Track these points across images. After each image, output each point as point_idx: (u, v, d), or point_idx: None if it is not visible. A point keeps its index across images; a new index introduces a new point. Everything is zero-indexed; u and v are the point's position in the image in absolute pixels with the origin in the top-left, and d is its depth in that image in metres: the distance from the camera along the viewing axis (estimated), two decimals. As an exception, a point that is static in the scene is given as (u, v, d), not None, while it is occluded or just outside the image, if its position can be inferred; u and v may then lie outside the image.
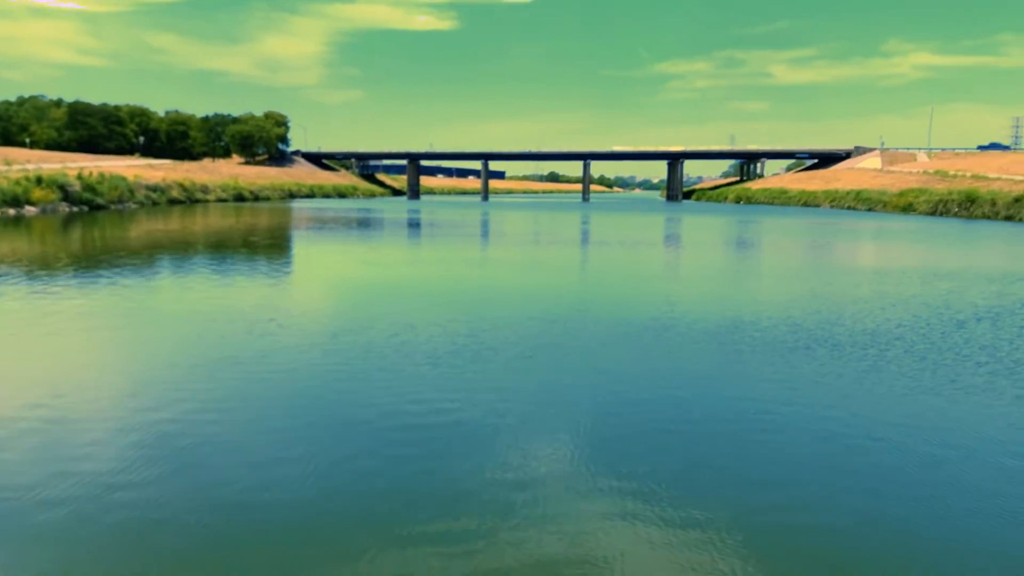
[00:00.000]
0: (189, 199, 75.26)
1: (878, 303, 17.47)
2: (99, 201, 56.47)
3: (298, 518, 6.14)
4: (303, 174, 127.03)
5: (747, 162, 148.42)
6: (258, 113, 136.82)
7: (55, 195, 51.93)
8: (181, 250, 28.02)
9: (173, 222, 46.46)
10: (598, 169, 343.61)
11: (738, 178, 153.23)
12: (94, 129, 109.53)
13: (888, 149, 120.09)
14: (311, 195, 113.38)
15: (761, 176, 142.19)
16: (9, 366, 10.98)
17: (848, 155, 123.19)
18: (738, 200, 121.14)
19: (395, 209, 78.04)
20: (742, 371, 11.02)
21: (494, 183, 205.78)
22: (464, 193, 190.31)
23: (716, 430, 8.40)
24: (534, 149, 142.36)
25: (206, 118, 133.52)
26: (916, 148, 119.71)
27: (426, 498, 6.54)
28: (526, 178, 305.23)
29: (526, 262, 27.60)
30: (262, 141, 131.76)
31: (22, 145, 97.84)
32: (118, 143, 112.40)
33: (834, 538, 5.97)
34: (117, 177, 61.73)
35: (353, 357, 11.43)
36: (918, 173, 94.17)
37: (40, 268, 21.73)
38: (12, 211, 46.42)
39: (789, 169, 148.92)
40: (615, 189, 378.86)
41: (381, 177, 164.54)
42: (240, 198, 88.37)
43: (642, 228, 51.01)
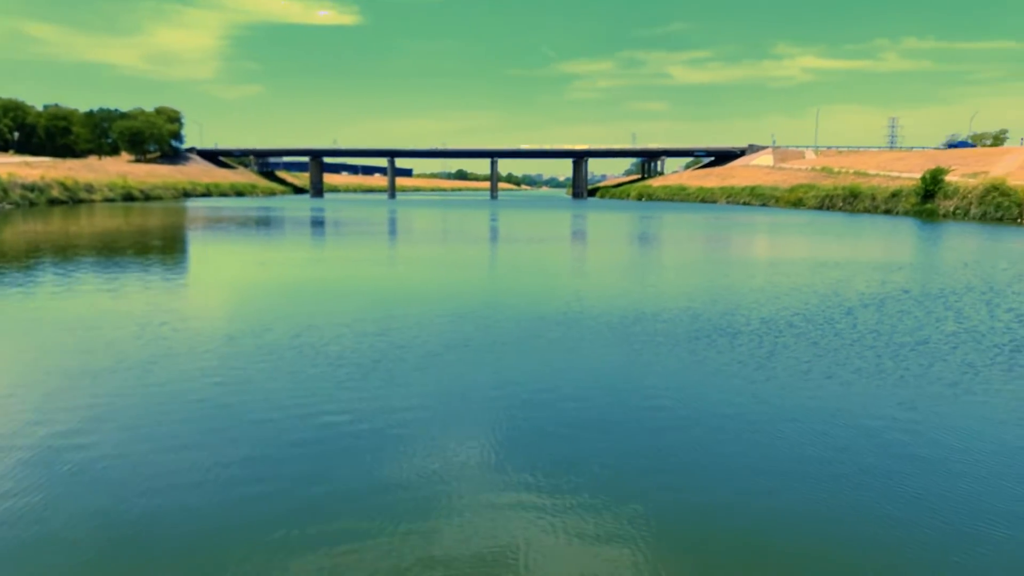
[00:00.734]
0: (72, 199, 70.60)
1: (773, 293, 18.23)
2: (-33, 202, 52.11)
3: (196, 528, 5.77)
4: (198, 172, 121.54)
5: (648, 160, 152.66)
6: (149, 108, 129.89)
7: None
8: (61, 253, 26.14)
9: (53, 223, 43.40)
10: (506, 167, 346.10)
11: (640, 176, 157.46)
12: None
13: (779, 147, 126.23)
14: (207, 194, 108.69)
15: (662, 174, 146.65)
16: None
17: (743, 153, 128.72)
18: (640, 197, 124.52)
19: (297, 207, 75.79)
20: (648, 362, 11.21)
21: (401, 181, 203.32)
22: (370, 191, 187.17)
23: (623, 421, 8.48)
24: (441, 147, 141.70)
25: (91, 113, 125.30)
26: (805, 146, 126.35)
27: (334, 501, 6.26)
28: (434, 176, 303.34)
29: (434, 260, 27.32)
30: (153, 138, 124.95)
31: None
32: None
33: (742, 521, 6.10)
34: (-12, 175, 57.21)
35: (252, 361, 10.90)
36: (807, 170, 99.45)
37: None
38: None
39: (688, 167, 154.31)
40: (523, 187, 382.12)
41: (282, 175, 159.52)
42: (129, 198, 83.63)
43: (549, 225, 51.54)
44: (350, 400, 9.04)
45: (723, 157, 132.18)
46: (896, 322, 14.39)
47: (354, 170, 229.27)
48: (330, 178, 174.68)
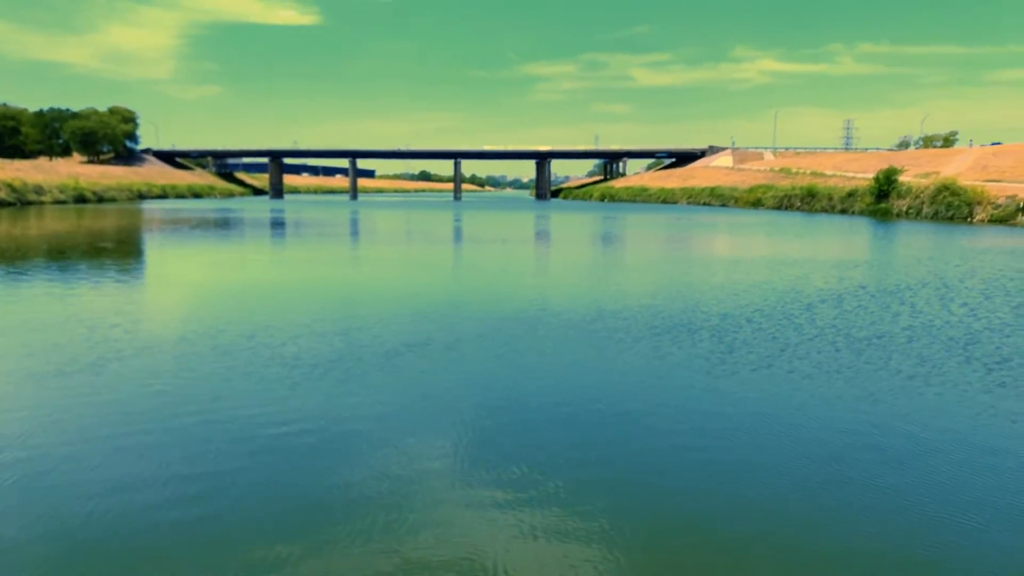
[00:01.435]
0: (20, 201, 68.41)
1: (733, 290, 18.37)
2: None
3: (149, 538, 5.49)
4: (154, 173, 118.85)
5: (611, 161, 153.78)
6: (102, 108, 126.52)
7: None
8: (4, 256, 25.22)
9: None
10: (469, 168, 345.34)
11: (603, 177, 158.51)
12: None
13: (739, 148, 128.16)
14: (163, 196, 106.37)
15: (624, 175, 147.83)
16: None
17: (703, 154, 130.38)
18: (603, 198, 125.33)
19: (256, 208, 74.49)
20: (611, 358, 11.15)
21: (363, 182, 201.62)
22: (331, 192, 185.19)
23: (587, 417, 8.38)
24: (404, 148, 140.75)
25: (41, 113, 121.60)
26: (764, 147, 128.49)
27: (295, 505, 6.03)
28: (397, 177, 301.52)
29: (396, 260, 27.01)
30: (107, 138, 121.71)
31: None
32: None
33: (709, 515, 6.03)
34: (-70, 176, 55.08)
35: (207, 364, 10.56)
36: (765, 171, 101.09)
37: None
38: None
39: (649, 168, 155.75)
40: (487, 188, 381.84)
41: (241, 176, 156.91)
42: (81, 200, 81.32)
43: (512, 225, 51.46)
44: (309, 401, 8.79)
45: (684, 158, 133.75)
46: (854, 317, 14.58)
47: (315, 171, 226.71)
48: (290, 179, 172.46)
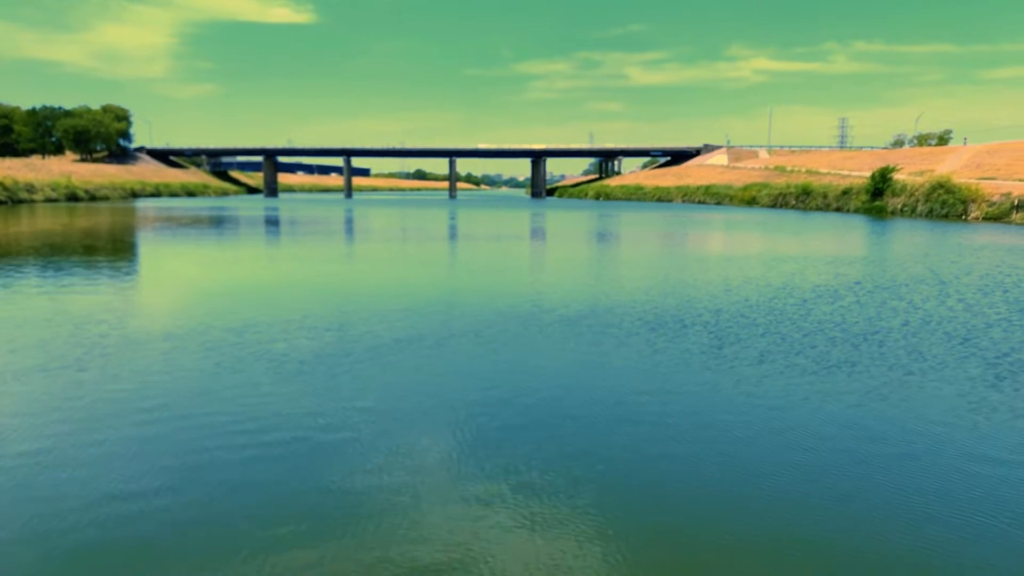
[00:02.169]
0: (11, 199, 67.99)
1: (728, 285, 18.23)
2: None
3: (137, 537, 5.32)
4: (148, 172, 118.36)
5: (606, 160, 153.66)
6: (95, 106, 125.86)
7: None
8: (-4, 252, 24.95)
9: (-9, 223, 41.62)
10: (465, 167, 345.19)
11: (598, 175, 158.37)
12: None
13: (734, 146, 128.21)
14: (156, 194, 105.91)
15: (619, 173, 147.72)
16: None
17: (698, 152, 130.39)
18: (598, 196, 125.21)
19: (250, 207, 74.16)
20: (606, 353, 10.99)
21: (358, 180, 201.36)
22: (326, 191, 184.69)
23: (581, 412, 8.23)
24: (399, 146, 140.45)
25: (33, 111, 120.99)
26: (758, 146, 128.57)
27: (289, 505, 5.85)
28: (392, 176, 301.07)
29: (391, 258, 26.82)
30: (100, 137, 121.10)
31: None
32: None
33: (702, 511, 5.88)
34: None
35: (199, 361, 10.38)
36: (760, 169, 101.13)
37: None
38: None
39: (645, 167, 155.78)
40: (482, 187, 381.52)
41: (235, 175, 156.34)
42: (74, 198, 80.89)
43: (508, 223, 51.28)
44: (302, 397, 8.61)
45: (679, 157, 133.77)
46: (849, 312, 14.45)
47: (310, 170, 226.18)
48: (285, 178, 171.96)
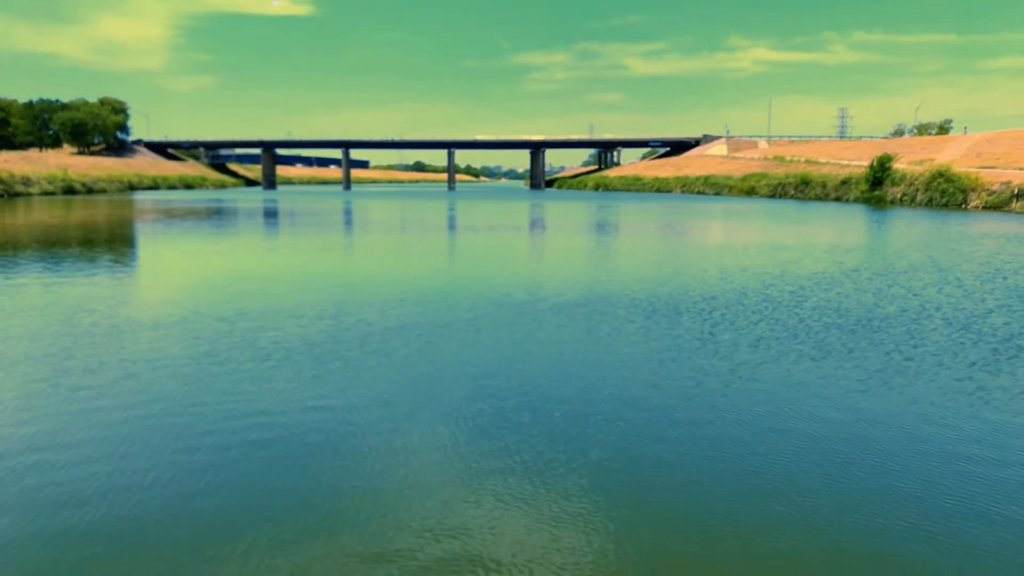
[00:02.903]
0: (8, 192, 67.77)
1: (726, 273, 18.12)
2: None
3: (137, 531, 5.19)
4: (145, 165, 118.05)
5: (605, 151, 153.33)
6: (93, 99, 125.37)
7: None
8: (-10, 244, 24.82)
9: (-14, 216, 41.46)
10: (464, 159, 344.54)
11: (597, 167, 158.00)
12: None
13: (733, 137, 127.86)
14: (154, 187, 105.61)
15: (618, 164, 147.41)
16: None
17: (697, 143, 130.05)
18: (597, 187, 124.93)
19: (248, 199, 73.95)
20: (604, 339, 10.90)
21: (357, 172, 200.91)
22: (325, 183, 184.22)
23: (581, 400, 8.14)
24: (398, 137, 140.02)
25: (30, 104, 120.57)
26: (758, 136, 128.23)
27: (287, 494, 5.75)
28: (391, 168, 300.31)
29: (390, 248, 26.69)
30: (97, 129, 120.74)
31: None
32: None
33: (703, 498, 5.79)
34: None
35: (196, 350, 10.28)
36: (759, 159, 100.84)
37: None
38: None
39: (644, 157, 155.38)
40: (482, 178, 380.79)
41: (233, 167, 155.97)
42: (70, 191, 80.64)
43: (507, 214, 51.12)
44: (296, 385, 8.52)
45: (678, 147, 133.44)
46: (847, 299, 14.34)
47: (308, 162, 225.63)
48: (284, 170, 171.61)
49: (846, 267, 19.40)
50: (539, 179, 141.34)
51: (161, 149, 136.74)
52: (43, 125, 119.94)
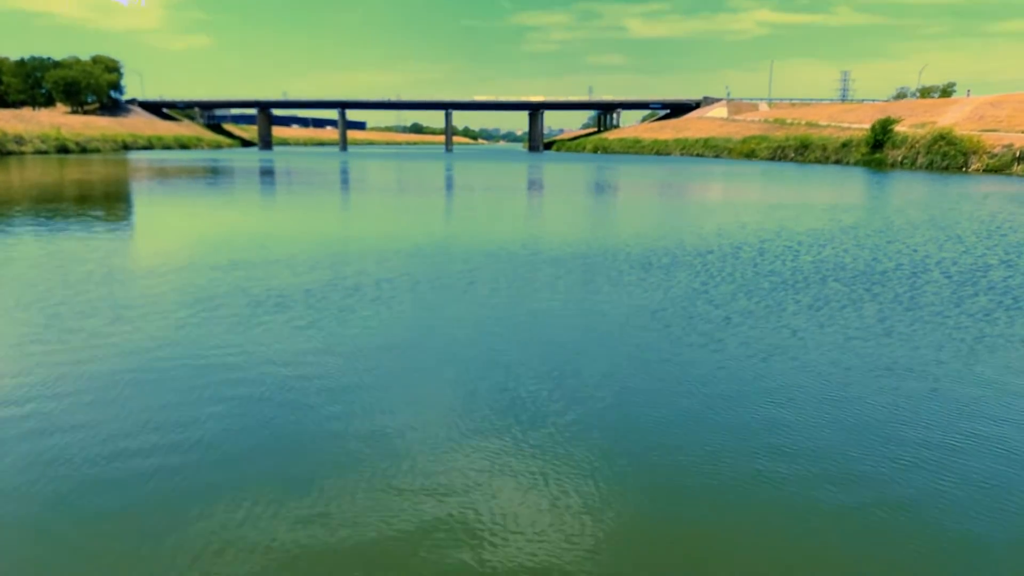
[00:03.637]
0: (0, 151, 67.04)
1: (726, 230, 18.02)
2: None
3: (146, 485, 5.03)
4: (140, 124, 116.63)
5: (604, 113, 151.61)
6: (85, 57, 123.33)
7: None
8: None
9: (-21, 173, 41.05)
10: (462, 120, 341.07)
11: (596, 129, 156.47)
12: None
13: (734, 99, 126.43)
14: (149, 147, 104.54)
15: (617, 127, 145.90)
16: None
17: (698, 105, 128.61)
18: (596, 150, 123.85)
19: (244, 159, 73.24)
20: (601, 292, 10.85)
21: (354, 134, 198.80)
22: (321, 144, 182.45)
23: (578, 353, 8.11)
24: (395, 98, 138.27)
25: (22, 62, 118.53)
26: (759, 99, 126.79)
27: (295, 456, 5.64)
28: (388, 129, 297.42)
29: (387, 207, 26.50)
30: (91, 88, 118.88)
31: None
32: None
33: (700, 462, 5.78)
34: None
35: (192, 306, 10.23)
36: (760, 121, 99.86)
37: None
38: None
39: (644, 120, 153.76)
40: (479, 141, 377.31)
41: (229, 127, 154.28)
42: (64, 150, 79.76)
43: (504, 175, 50.73)
44: (293, 338, 8.48)
45: (678, 110, 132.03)
46: (846, 254, 14.28)
47: (305, 123, 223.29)
48: (280, 131, 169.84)
49: (845, 224, 19.29)
50: (538, 141, 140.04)
51: (156, 109, 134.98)
52: (36, 84, 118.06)
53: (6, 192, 27.92)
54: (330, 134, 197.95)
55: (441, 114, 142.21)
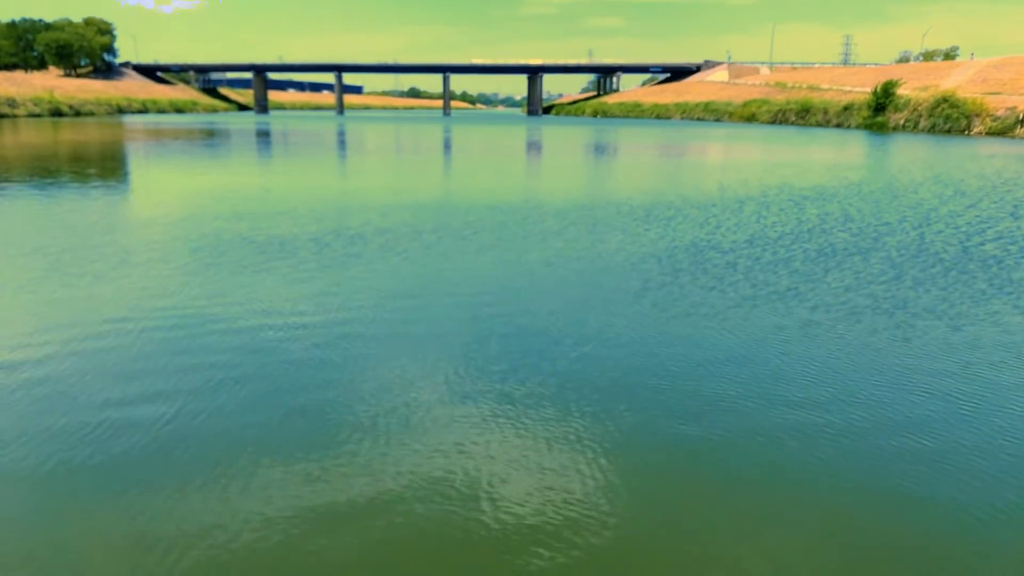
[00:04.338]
0: (-6, 113, 66.31)
1: (727, 186, 17.92)
2: None
3: (153, 445, 4.93)
4: (135, 88, 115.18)
5: (604, 77, 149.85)
6: (77, 19, 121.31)
7: None
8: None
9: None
10: (460, 85, 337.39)
11: (596, 93, 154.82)
12: None
13: (735, 63, 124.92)
14: (144, 111, 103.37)
15: (617, 91, 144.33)
16: None
17: (698, 69, 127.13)
18: (595, 114, 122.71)
19: (240, 122, 72.48)
20: (601, 242, 10.82)
21: (351, 98, 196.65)
22: (318, 108, 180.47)
23: (575, 299, 8.10)
24: (392, 62, 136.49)
25: (12, 23, 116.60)
26: (760, 63, 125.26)
27: (289, 420, 5.52)
28: (385, 94, 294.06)
29: (385, 167, 26.31)
30: (84, 51, 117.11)
31: None
32: None
33: (697, 426, 5.78)
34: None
35: (193, 265, 10.18)
36: (760, 85, 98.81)
37: None
38: None
39: (644, 84, 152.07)
40: (478, 106, 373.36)
41: (225, 91, 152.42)
42: (57, 113, 78.88)
43: (503, 137, 50.31)
44: (295, 300, 8.43)
45: (679, 73, 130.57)
46: (850, 207, 14.23)
47: (301, 87, 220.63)
48: (276, 95, 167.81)
49: (850, 180, 19.19)
50: (536, 105, 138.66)
51: (150, 72, 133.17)
52: (27, 46, 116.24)
53: (1, 154, 27.63)
54: (326, 98, 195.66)
55: (439, 78, 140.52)
